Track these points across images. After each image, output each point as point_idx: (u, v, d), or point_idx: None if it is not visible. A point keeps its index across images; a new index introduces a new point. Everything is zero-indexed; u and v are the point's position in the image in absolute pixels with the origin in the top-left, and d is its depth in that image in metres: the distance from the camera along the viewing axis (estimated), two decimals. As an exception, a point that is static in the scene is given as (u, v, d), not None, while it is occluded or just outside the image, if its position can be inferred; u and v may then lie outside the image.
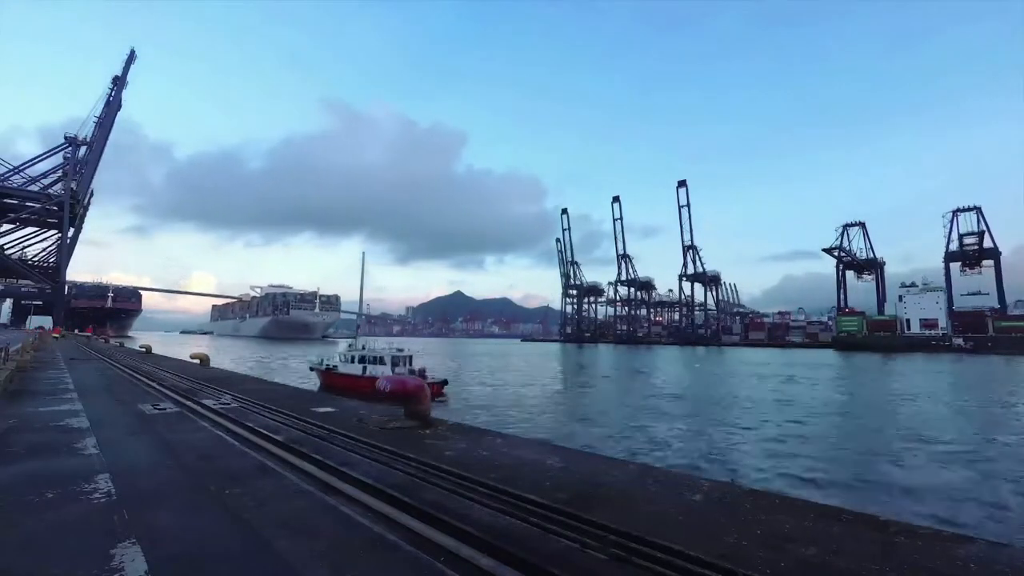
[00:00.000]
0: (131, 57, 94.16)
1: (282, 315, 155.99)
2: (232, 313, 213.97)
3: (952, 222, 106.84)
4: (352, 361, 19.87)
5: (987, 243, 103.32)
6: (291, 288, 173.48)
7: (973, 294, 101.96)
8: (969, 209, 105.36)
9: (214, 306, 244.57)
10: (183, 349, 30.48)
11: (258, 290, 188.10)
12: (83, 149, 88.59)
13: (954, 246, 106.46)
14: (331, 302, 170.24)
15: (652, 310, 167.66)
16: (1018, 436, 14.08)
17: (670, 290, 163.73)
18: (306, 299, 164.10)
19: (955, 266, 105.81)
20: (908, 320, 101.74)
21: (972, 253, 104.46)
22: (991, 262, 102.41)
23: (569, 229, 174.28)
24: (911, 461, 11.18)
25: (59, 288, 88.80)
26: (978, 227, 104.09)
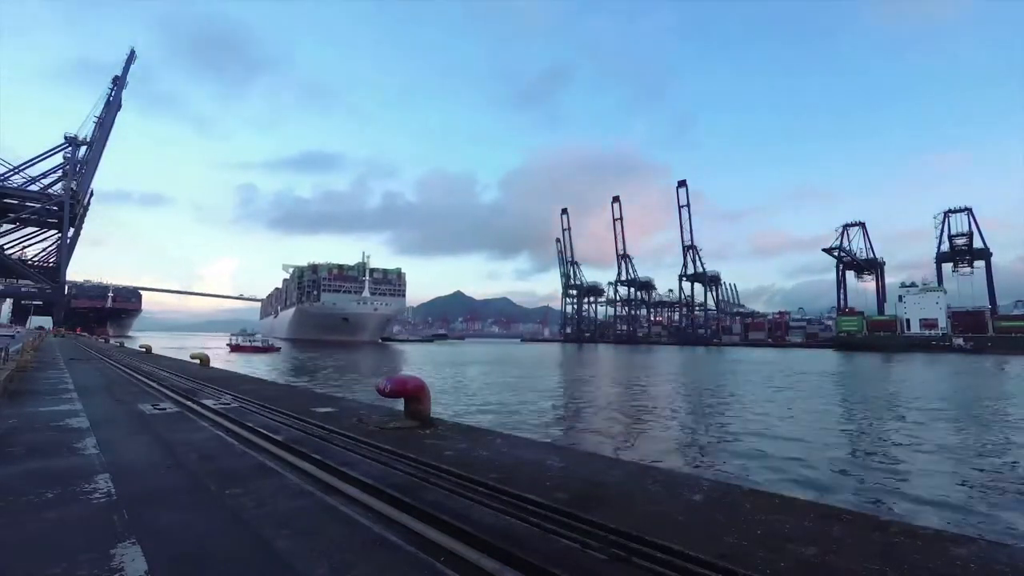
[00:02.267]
0: (131, 57, 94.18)
1: (310, 303, 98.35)
2: (271, 306, 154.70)
3: (943, 223, 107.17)
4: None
5: (977, 244, 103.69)
6: (336, 263, 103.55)
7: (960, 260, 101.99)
8: (960, 210, 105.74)
9: (263, 300, 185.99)
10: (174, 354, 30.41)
11: (291, 270, 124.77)
12: (83, 149, 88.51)
13: (945, 247, 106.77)
14: (390, 281, 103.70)
15: (652, 310, 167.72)
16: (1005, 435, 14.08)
17: (670, 290, 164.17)
18: (345, 275, 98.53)
19: (947, 267, 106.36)
20: (908, 320, 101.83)
21: (963, 254, 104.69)
22: (982, 263, 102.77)
23: (569, 229, 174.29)
24: (910, 460, 11.18)
25: (59, 288, 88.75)
26: (969, 228, 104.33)
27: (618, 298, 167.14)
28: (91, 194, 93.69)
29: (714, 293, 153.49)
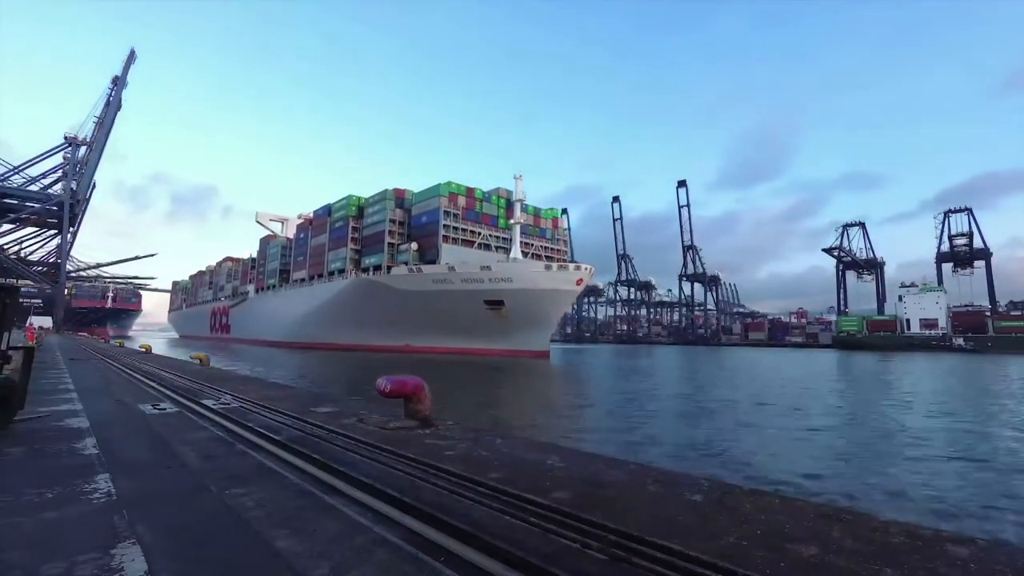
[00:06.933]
0: (131, 57, 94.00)
1: (415, 264, 46.62)
2: (202, 291, 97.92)
3: (944, 223, 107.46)
4: None
5: (978, 244, 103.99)
6: (457, 184, 50.91)
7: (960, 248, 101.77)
8: (960, 210, 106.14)
9: (174, 283, 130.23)
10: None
11: (279, 224, 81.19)
12: (83, 149, 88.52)
13: (945, 247, 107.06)
14: (543, 230, 57.72)
15: (652, 310, 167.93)
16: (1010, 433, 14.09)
17: (669, 290, 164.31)
18: (483, 213, 51.72)
19: (947, 267, 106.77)
20: (908, 320, 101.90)
21: (963, 254, 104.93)
22: (982, 263, 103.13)
23: (568, 229, 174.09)
24: (911, 459, 11.18)
25: (59, 288, 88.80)
26: (969, 228, 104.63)
27: (618, 298, 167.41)
28: (94, 186, 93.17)
29: (714, 293, 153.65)
